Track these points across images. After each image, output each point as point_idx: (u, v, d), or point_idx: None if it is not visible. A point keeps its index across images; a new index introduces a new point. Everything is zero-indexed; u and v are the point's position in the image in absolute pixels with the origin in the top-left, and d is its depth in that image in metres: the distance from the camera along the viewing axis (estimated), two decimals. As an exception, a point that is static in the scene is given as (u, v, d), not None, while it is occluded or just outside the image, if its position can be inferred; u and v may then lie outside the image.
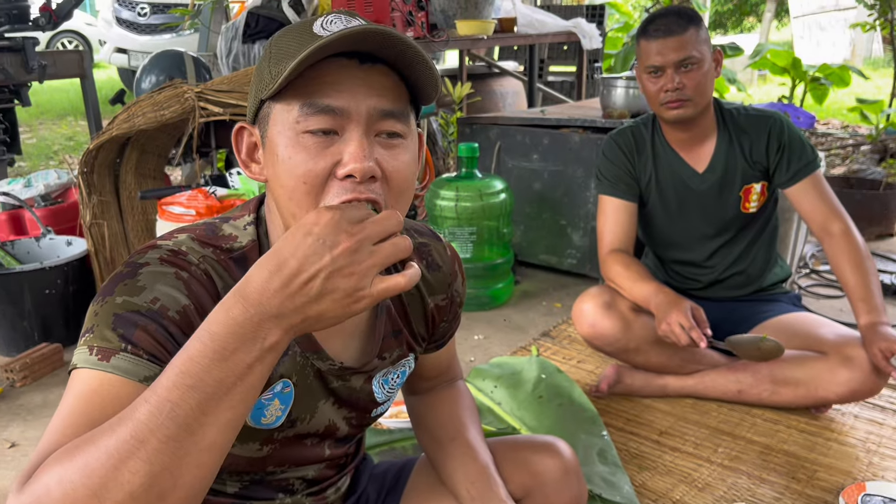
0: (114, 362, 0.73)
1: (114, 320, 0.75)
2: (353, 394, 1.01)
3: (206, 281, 0.82)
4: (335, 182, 0.78)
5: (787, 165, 1.97)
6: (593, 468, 1.70)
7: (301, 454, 1.00)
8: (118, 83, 9.19)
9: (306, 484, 1.04)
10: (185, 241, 0.85)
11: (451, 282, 1.09)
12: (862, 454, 1.84)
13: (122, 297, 0.77)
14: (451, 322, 1.13)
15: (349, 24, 0.78)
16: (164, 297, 0.78)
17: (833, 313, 2.74)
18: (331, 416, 0.99)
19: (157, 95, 2.44)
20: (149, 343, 0.75)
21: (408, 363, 1.08)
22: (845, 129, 7.00)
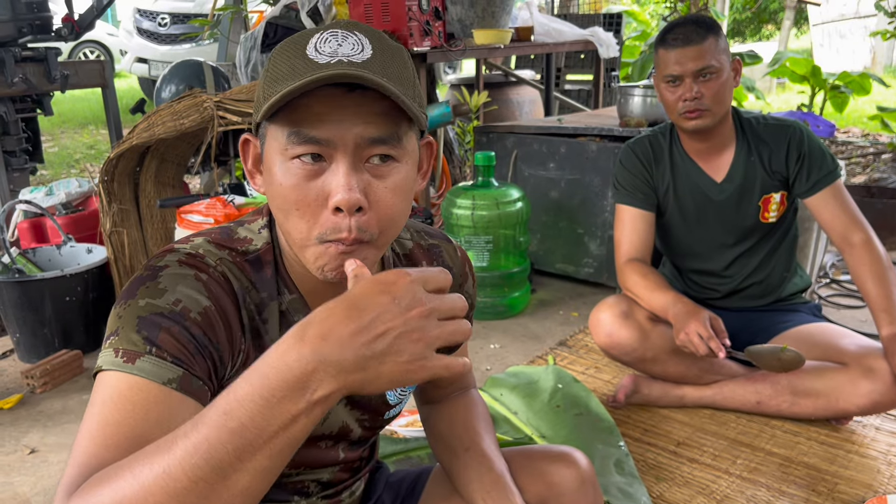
0: (139, 365, 0.75)
1: (138, 323, 0.77)
2: (364, 395, 1.01)
3: (223, 282, 0.84)
4: (327, 213, 0.79)
5: (806, 175, 1.96)
6: (610, 479, 1.68)
7: (316, 457, 1.00)
8: (139, 92, 9.29)
9: (321, 486, 1.04)
10: (201, 244, 0.87)
11: (462, 283, 1.10)
12: (883, 467, 1.81)
13: (145, 299, 0.78)
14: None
15: (343, 42, 0.78)
16: (186, 298, 0.79)
17: (854, 324, 2.71)
18: (343, 417, 1.00)
19: (176, 105, 2.46)
20: (172, 345, 0.76)
21: None
22: (866, 138, 6.93)
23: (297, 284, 0.92)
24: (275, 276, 0.90)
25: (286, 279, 0.91)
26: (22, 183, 3.33)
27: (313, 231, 0.80)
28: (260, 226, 0.92)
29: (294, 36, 0.83)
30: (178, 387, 0.76)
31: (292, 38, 0.82)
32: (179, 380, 0.76)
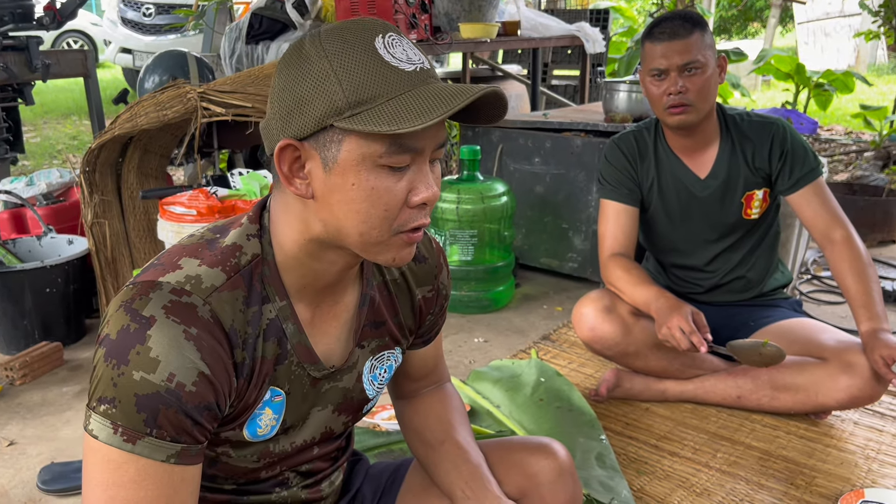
0: (140, 446, 0.79)
1: (136, 402, 0.79)
2: (347, 394, 1.02)
3: (214, 326, 0.83)
4: (406, 209, 0.84)
5: (789, 172, 1.97)
6: (591, 472, 1.69)
7: (294, 459, 1.01)
8: (123, 83, 9.21)
9: (301, 477, 1.05)
10: (190, 270, 0.84)
11: (437, 273, 1.11)
12: (861, 461, 1.83)
13: (140, 373, 0.79)
14: (437, 316, 1.14)
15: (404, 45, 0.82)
16: (179, 371, 0.80)
17: (834, 319, 2.74)
18: (326, 422, 1.02)
19: (159, 95, 2.44)
20: (170, 426, 0.80)
21: (394, 356, 1.09)
22: (849, 136, 6.99)
23: (287, 291, 0.91)
24: (263, 287, 0.89)
25: (277, 287, 0.90)
26: (2, 173, 3.29)
27: (393, 225, 0.84)
28: (249, 232, 0.90)
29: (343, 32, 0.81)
30: (178, 461, 0.82)
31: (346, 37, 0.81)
32: (178, 454, 0.82)
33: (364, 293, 1.01)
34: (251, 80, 2.58)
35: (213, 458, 0.93)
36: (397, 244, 0.87)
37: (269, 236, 0.90)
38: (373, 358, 1.05)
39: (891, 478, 1.76)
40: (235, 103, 2.37)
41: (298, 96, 0.80)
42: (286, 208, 0.88)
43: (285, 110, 0.82)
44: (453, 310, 2.87)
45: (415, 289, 1.08)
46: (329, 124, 0.79)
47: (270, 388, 0.92)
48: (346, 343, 1.00)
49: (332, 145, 0.80)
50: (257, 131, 2.50)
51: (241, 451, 0.94)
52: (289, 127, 0.82)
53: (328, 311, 0.97)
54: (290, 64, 0.82)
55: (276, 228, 0.90)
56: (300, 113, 0.80)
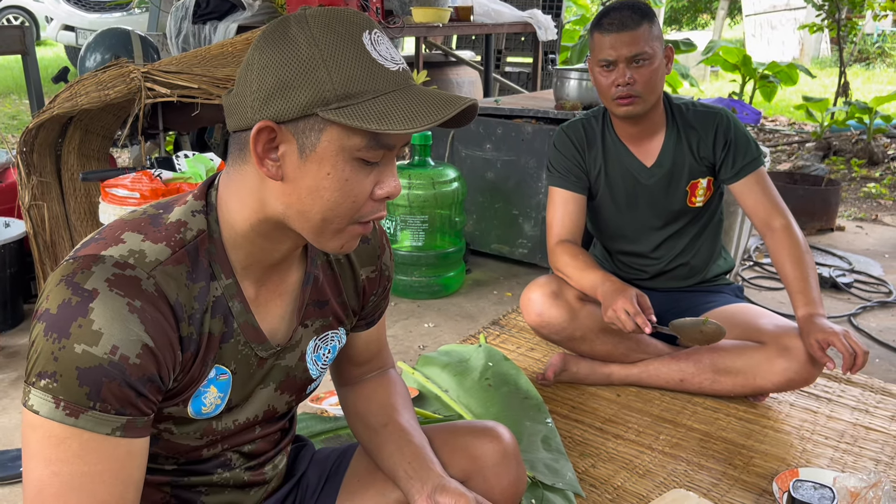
0: (84, 420, 0.78)
1: (78, 375, 0.77)
2: (290, 373, 1.02)
3: (158, 300, 0.82)
4: (370, 201, 0.87)
5: (732, 162, 2.01)
6: (537, 455, 1.72)
7: (236, 438, 1.01)
8: (65, 61, 8.91)
9: (244, 458, 1.04)
10: (134, 244, 0.83)
11: (379, 254, 1.12)
12: (796, 441, 1.90)
13: (82, 345, 0.77)
14: (380, 297, 1.15)
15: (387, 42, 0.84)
16: (123, 343, 0.79)
17: (774, 305, 2.82)
18: (270, 401, 1.01)
19: (101, 74, 2.37)
20: (114, 399, 0.79)
21: (337, 337, 1.09)
22: (792, 127, 7.17)
23: (233, 268, 0.91)
24: (210, 263, 0.89)
25: (223, 264, 0.90)
26: (-66, 153, 3.16)
27: (355, 216, 0.87)
28: (194, 209, 0.89)
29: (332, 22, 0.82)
30: (123, 434, 0.81)
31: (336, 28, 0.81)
32: (124, 427, 0.80)
33: (308, 272, 1.01)
34: (198, 61, 2.52)
35: (155, 435, 0.92)
36: (350, 234, 0.89)
37: (216, 214, 0.90)
38: (316, 338, 1.05)
39: (824, 457, 1.83)
40: (181, 84, 2.32)
41: (283, 80, 0.80)
42: (241, 185, 0.88)
43: (265, 91, 0.80)
44: (404, 295, 2.87)
45: (358, 269, 1.09)
46: (313, 113, 0.80)
47: (216, 367, 0.91)
48: (290, 321, 1.00)
49: (311, 133, 0.81)
50: (204, 113, 2.45)
51: (183, 428, 0.93)
52: (268, 109, 0.81)
53: (273, 289, 0.97)
54: (273, 44, 0.81)
55: (226, 206, 0.89)
56: (283, 97, 0.80)
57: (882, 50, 13.35)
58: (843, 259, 3.43)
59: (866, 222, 4.20)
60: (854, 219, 4.26)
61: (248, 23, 3.52)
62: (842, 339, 1.77)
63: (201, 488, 1.00)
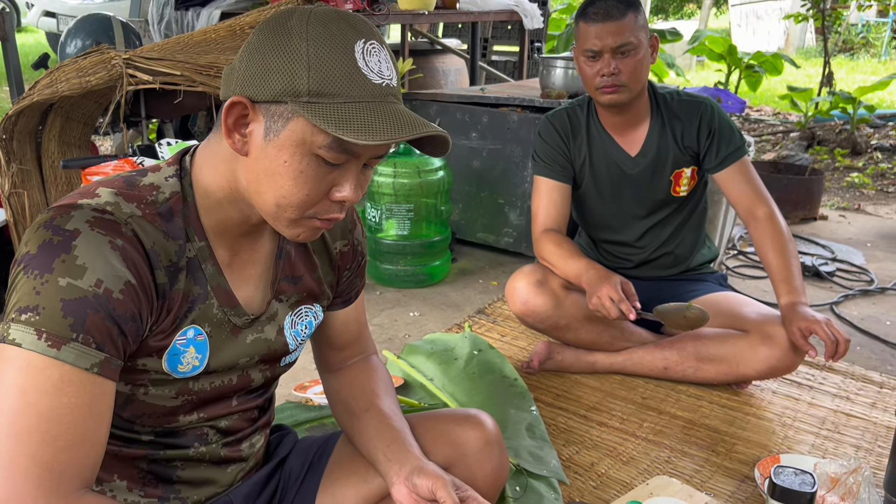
0: (65, 351, 0.78)
1: (63, 307, 0.78)
2: (270, 346, 1.03)
3: (136, 243, 0.85)
4: (325, 200, 0.88)
5: (716, 151, 2.02)
6: (521, 442, 1.72)
7: (212, 405, 1.01)
8: (46, 48, 8.80)
9: (220, 434, 1.04)
10: (107, 197, 0.86)
11: (351, 228, 1.14)
12: (778, 428, 1.92)
13: (66, 279, 0.78)
14: (355, 273, 1.16)
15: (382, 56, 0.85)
16: (107, 277, 0.80)
17: (758, 293, 2.84)
18: (244, 368, 1.02)
19: (82, 61, 2.34)
20: (97, 331, 0.79)
21: (312, 313, 1.10)
22: (776, 116, 7.21)
23: (206, 232, 0.93)
24: (184, 224, 0.91)
25: (196, 227, 0.92)
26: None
27: (308, 211, 0.88)
28: (167, 174, 0.92)
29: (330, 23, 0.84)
30: (100, 371, 0.80)
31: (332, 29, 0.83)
32: (101, 365, 0.80)
33: (281, 246, 1.04)
34: (180, 48, 2.49)
35: (130, 396, 0.91)
36: (307, 226, 0.91)
37: (190, 178, 0.93)
38: (292, 313, 1.06)
39: (805, 444, 1.85)
40: (164, 71, 2.29)
41: (266, 64, 0.83)
42: (217, 153, 0.91)
43: (250, 71, 0.84)
44: (389, 284, 2.86)
45: (330, 243, 1.11)
46: (284, 101, 0.83)
47: (193, 327, 0.93)
48: (265, 293, 1.02)
49: (279, 119, 0.84)
50: (187, 101, 2.43)
51: (159, 388, 0.93)
52: (247, 87, 0.84)
53: (246, 258, 0.99)
54: (272, 30, 0.85)
55: (201, 171, 0.92)
56: (262, 80, 0.83)
57: (866, 40, 13.43)
58: (826, 248, 3.46)
59: (849, 212, 4.23)
60: (837, 208, 4.30)
61: (231, 9, 3.48)
62: (824, 327, 1.78)
63: (177, 462, 1.00)
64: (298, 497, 1.15)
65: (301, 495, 1.15)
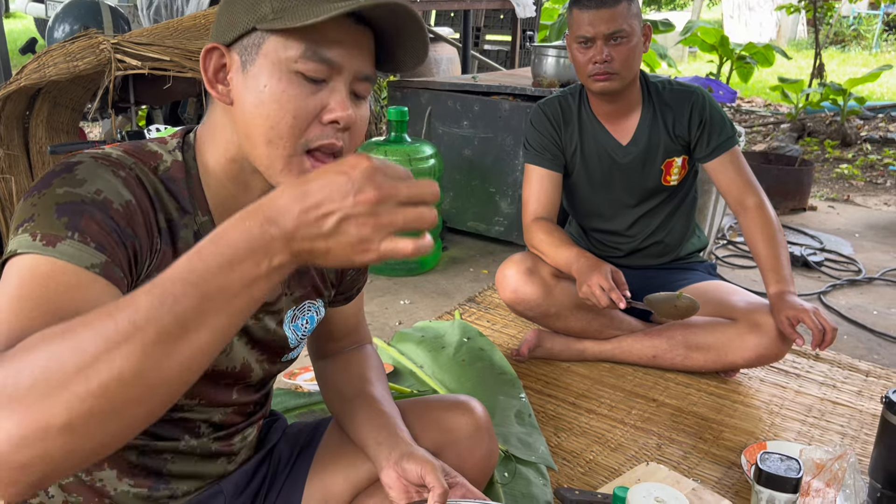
0: (60, 248, 0.73)
1: (57, 209, 0.74)
2: (267, 335, 1.02)
3: (139, 184, 0.84)
4: (317, 124, 0.83)
5: (707, 141, 2.02)
6: (511, 429, 1.73)
7: (211, 393, 0.99)
8: (34, 33, 8.71)
9: (213, 428, 1.03)
10: (112, 151, 0.86)
11: None
12: (765, 415, 1.93)
13: (64, 188, 0.76)
14: (358, 272, 1.15)
15: None
16: (108, 190, 0.79)
17: (747, 282, 2.85)
18: (245, 355, 1.00)
19: (70, 45, 2.31)
20: (95, 231, 0.75)
21: (316, 308, 1.09)
22: (768, 108, 7.22)
23: (210, 207, 0.92)
24: (189, 195, 0.90)
25: (200, 201, 0.91)
26: None
27: (301, 139, 0.83)
28: (172, 146, 0.91)
29: None
30: (102, 272, 0.74)
31: None
32: (103, 266, 0.75)
33: None
34: (170, 33, 2.47)
35: None
36: (300, 165, 0.85)
37: (193, 152, 0.92)
38: (295, 308, 1.05)
39: (791, 431, 1.86)
40: (153, 56, 2.27)
41: (232, 8, 0.85)
42: (214, 126, 0.90)
43: (220, 21, 0.85)
44: (380, 272, 2.86)
45: None
46: (252, 28, 0.83)
47: None
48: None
49: (252, 49, 0.83)
50: (176, 86, 2.41)
51: None
52: (219, 35, 0.86)
53: None
54: None
55: (203, 146, 0.92)
56: (229, 22, 0.84)
57: (857, 32, 13.47)
58: (815, 238, 3.48)
59: (838, 202, 4.26)
60: (826, 199, 4.32)
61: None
62: (811, 316, 1.80)
63: (167, 455, 0.99)
64: (288, 483, 1.15)
65: (290, 481, 1.15)
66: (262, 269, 0.63)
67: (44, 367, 0.58)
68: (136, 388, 0.59)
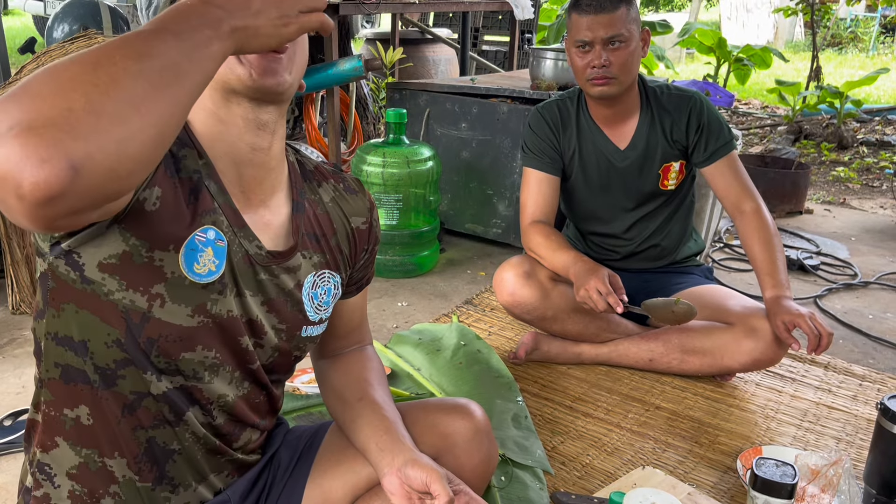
0: None
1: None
2: (282, 296, 1.02)
3: None
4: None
5: (704, 146, 2.03)
6: (507, 432, 1.74)
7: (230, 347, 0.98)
8: (33, 32, 8.70)
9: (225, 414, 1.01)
10: None
11: (370, 208, 1.15)
12: (761, 420, 1.94)
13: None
14: (370, 257, 1.17)
15: None
16: None
17: (743, 286, 2.86)
18: (258, 313, 1.00)
19: (69, 46, 2.32)
20: None
21: (334, 281, 1.10)
22: (764, 110, 7.24)
23: (206, 153, 0.94)
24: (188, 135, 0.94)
25: (197, 146, 0.94)
26: None
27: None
28: None
29: None
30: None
31: None
32: None
33: (296, 200, 1.05)
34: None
35: (146, 313, 0.88)
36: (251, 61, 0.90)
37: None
38: (315, 273, 1.07)
39: (787, 435, 1.87)
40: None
41: None
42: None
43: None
44: (378, 274, 2.87)
45: (349, 217, 1.12)
46: None
47: (214, 229, 0.93)
48: (286, 241, 1.03)
49: None
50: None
51: (175, 303, 0.90)
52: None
53: (259, 202, 1.00)
54: None
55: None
56: None
57: (854, 35, 13.50)
58: (811, 241, 3.49)
59: (834, 206, 4.27)
60: (822, 202, 4.33)
61: (220, -5, 3.44)
62: (807, 320, 1.80)
63: (175, 445, 0.98)
64: (288, 488, 1.15)
65: (290, 486, 1.15)
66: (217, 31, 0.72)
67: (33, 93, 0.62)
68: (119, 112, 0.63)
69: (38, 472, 0.98)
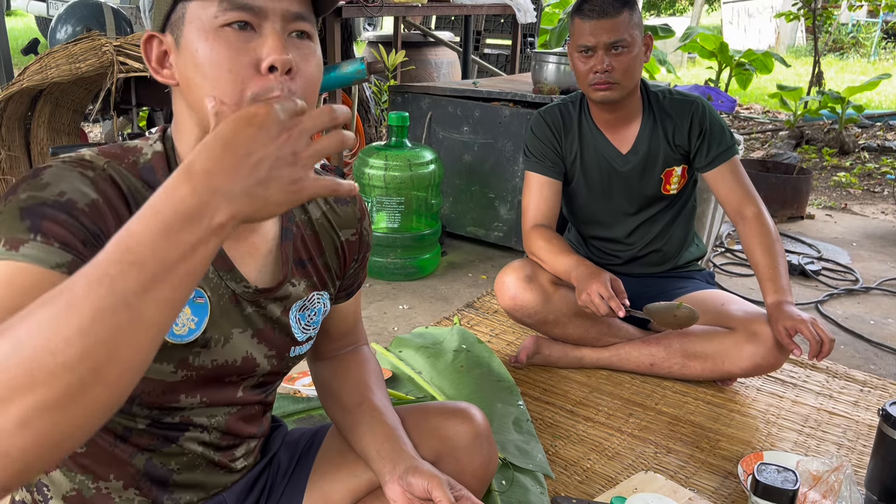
0: (23, 251, 0.71)
1: (20, 213, 0.74)
2: (269, 325, 1.00)
3: (111, 183, 0.84)
4: (259, 77, 0.82)
5: (706, 151, 2.03)
6: (508, 436, 1.73)
7: (216, 390, 0.97)
8: (35, 32, 8.72)
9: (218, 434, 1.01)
10: (86, 153, 0.87)
11: (360, 217, 1.12)
12: (762, 425, 1.94)
13: (27, 193, 0.76)
14: (360, 265, 1.15)
15: None
16: (72, 191, 0.78)
17: (744, 291, 2.86)
18: (248, 348, 0.98)
19: (72, 47, 2.32)
20: (58, 231, 0.74)
21: (323, 300, 1.08)
22: (766, 115, 7.24)
23: None
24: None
25: None
26: None
27: (245, 93, 0.81)
28: (154, 139, 0.93)
29: None
30: (68, 270, 0.72)
31: None
32: (69, 264, 0.73)
33: (285, 227, 1.01)
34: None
35: None
36: None
37: (171, 142, 0.93)
38: (305, 299, 1.04)
39: (788, 441, 1.87)
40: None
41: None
42: (178, 113, 0.92)
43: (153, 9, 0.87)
44: (379, 276, 2.87)
45: (339, 231, 1.09)
46: (173, 4, 0.85)
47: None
48: (273, 271, 1.00)
49: (179, 23, 0.85)
50: (178, 89, 2.41)
51: (158, 359, 0.89)
52: (153, 23, 0.89)
53: (245, 235, 0.97)
54: None
55: (175, 135, 0.93)
56: (157, 4, 0.86)
57: (856, 40, 13.50)
58: (812, 247, 3.49)
59: (835, 211, 4.27)
60: (824, 207, 4.33)
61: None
62: (809, 326, 1.80)
63: (172, 465, 0.99)
64: (287, 492, 1.15)
65: (290, 489, 1.15)
66: (199, 234, 0.61)
67: None
68: (85, 367, 0.57)
69: (35, 492, 0.98)
